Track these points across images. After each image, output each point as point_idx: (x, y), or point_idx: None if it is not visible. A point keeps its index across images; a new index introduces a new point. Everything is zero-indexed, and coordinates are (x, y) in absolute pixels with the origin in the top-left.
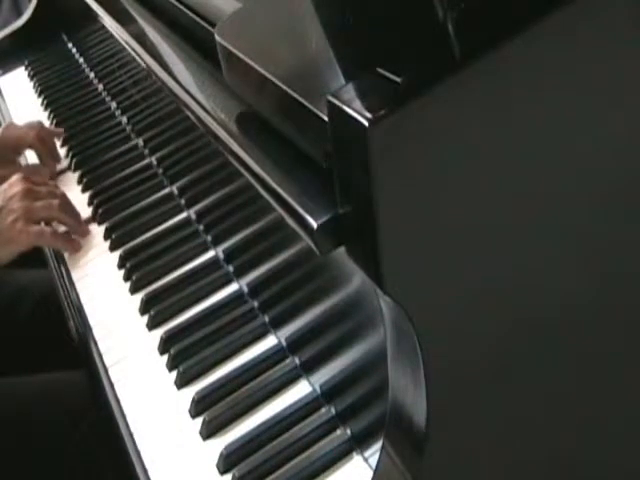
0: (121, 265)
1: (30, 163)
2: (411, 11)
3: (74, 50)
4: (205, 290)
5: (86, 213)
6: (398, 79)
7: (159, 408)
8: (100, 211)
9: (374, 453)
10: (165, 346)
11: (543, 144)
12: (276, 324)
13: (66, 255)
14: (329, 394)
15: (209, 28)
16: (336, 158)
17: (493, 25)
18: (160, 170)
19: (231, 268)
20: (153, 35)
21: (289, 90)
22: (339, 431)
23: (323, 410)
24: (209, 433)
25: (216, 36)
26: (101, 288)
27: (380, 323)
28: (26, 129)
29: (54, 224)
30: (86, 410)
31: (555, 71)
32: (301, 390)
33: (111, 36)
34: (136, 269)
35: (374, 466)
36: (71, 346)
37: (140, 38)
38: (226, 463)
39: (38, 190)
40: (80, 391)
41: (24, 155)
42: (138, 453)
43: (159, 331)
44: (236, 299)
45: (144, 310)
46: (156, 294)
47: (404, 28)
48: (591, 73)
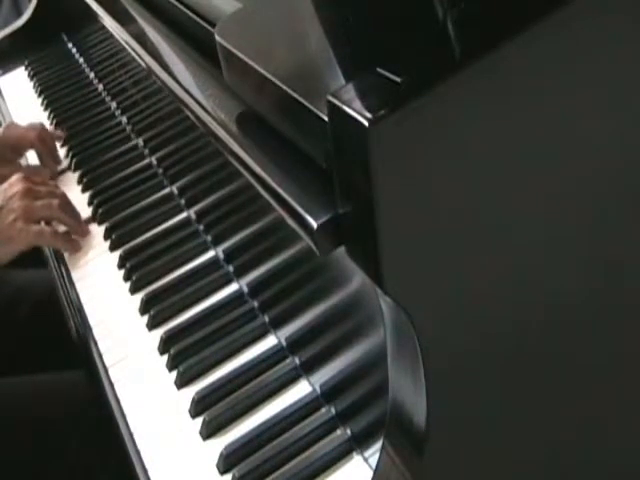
0: (121, 265)
1: (30, 164)
2: (411, 11)
3: (74, 50)
4: (205, 290)
5: (86, 213)
6: (398, 79)
7: (159, 408)
8: (100, 211)
9: (374, 453)
10: (165, 346)
11: (543, 144)
12: (276, 324)
13: (66, 255)
14: (329, 394)
15: (209, 28)
16: (336, 158)
17: (493, 25)
18: (160, 170)
19: (231, 268)
20: (153, 35)
21: (289, 90)
22: (339, 431)
23: (323, 410)
24: (209, 433)
25: (216, 36)
26: (101, 288)
27: (380, 323)
28: (27, 129)
29: (54, 224)
30: (86, 410)
31: (555, 71)
32: (301, 390)
33: (111, 36)
34: (136, 269)
35: (374, 466)
36: (71, 346)
37: (140, 38)
38: (226, 463)
39: (38, 190)
40: (80, 391)
41: (25, 156)
42: (138, 453)
43: (159, 331)
44: (236, 299)
45: (144, 310)
46: (156, 294)
47: (404, 28)
48: (591, 73)
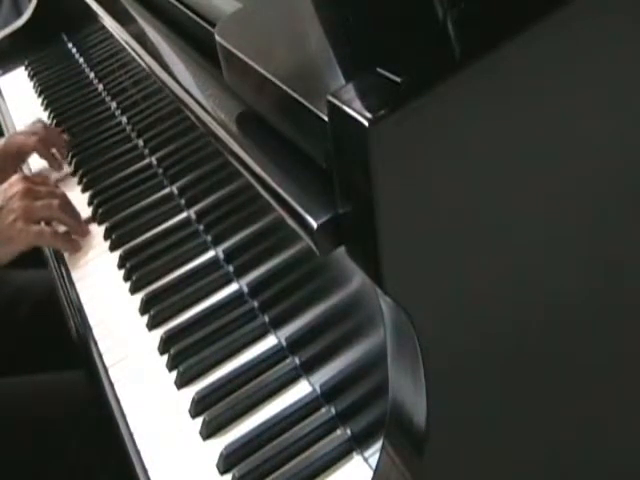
0: (121, 265)
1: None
2: (411, 11)
3: (74, 50)
4: (205, 290)
5: (86, 213)
6: (398, 79)
7: (159, 408)
8: (100, 211)
9: (374, 453)
10: (165, 346)
11: (543, 144)
12: (276, 324)
13: (66, 255)
14: (329, 394)
15: (209, 28)
16: (336, 158)
17: (493, 25)
18: (160, 170)
19: (231, 268)
20: (153, 35)
21: (289, 90)
22: (339, 431)
23: (323, 410)
24: (209, 433)
25: (216, 36)
26: (101, 288)
27: (380, 323)
28: (28, 136)
29: (54, 224)
30: (86, 410)
31: (555, 71)
32: (301, 390)
33: (111, 36)
34: (136, 269)
35: (374, 466)
36: (71, 346)
37: (140, 38)
38: (226, 463)
39: (38, 190)
40: (80, 391)
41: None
42: (138, 453)
43: (159, 331)
44: (236, 299)
45: (144, 310)
46: (156, 294)
47: (404, 28)
48: (591, 73)
